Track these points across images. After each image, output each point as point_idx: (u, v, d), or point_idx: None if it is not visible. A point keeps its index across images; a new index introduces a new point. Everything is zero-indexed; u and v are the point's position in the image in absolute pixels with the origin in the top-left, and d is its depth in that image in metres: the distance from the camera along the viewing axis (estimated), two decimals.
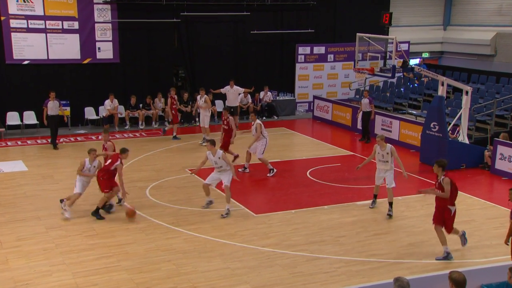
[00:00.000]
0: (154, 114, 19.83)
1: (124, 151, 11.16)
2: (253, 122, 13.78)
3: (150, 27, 20.09)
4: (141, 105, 19.62)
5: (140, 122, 19.50)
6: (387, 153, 11.16)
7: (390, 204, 11.16)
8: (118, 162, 10.93)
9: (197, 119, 20.12)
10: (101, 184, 11.04)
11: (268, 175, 13.60)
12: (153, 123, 19.84)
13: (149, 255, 9.26)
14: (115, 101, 18.74)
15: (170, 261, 9.06)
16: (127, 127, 19.39)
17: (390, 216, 11.05)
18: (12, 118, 18.64)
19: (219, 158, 10.96)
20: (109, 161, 11.06)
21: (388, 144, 11.24)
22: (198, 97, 17.17)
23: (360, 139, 17.62)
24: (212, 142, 11.11)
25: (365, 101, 17.39)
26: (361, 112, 17.48)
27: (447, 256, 9.04)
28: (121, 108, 19.31)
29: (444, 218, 9.05)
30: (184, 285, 8.24)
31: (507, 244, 8.11)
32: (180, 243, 9.78)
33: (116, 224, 10.61)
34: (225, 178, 11.00)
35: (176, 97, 18.11)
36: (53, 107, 16.39)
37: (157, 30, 20.23)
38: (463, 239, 9.44)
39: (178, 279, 8.43)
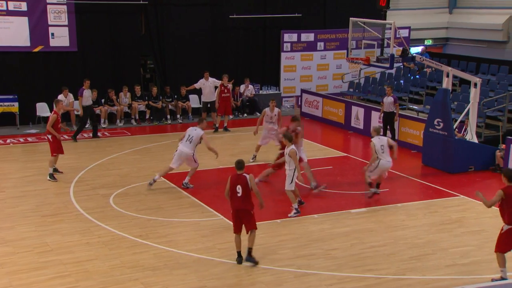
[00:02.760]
0: (119, 110, 19.74)
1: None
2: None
3: (113, 10, 20.01)
4: (103, 101, 19.51)
5: (102, 120, 19.39)
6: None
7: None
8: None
9: (168, 116, 20.11)
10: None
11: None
12: (118, 121, 19.76)
13: (113, 273, 9.21)
14: (70, 96, 18.57)
15: (138, 279, 9.03)
16: (87, 125, 19.25)
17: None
18: None
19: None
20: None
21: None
22: (267, 109, 15.26)
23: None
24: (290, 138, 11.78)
25: (388, 100, 16.93)
26: (383, 113, 17.11)
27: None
28: (77, 104, 19.13)
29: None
30: None
31: None
32: (148, 259, 9.75)
33: (74, 238, 10.54)
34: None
35: (229, 86, 18.93)
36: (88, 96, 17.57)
37: (121, 14, 20.15)
38: None
39: None
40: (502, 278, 8.89)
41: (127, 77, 20.27)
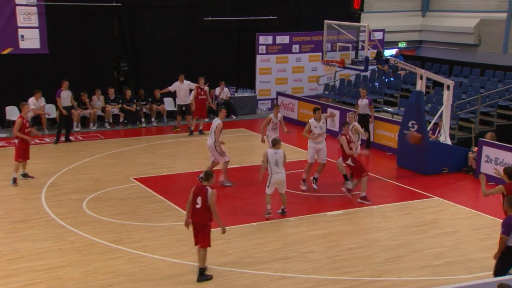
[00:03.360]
0: (92, 114, 19.56)
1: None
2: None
3: (85, 11, 19.83)
4: (75, 104, 19.30)
5: (75, 124, 19.19)
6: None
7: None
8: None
9: (143, 119, 19.99)
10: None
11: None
12: (91, 124, 19.57)
13: (86, 280, 9.13)
14: (42, 99, 18.34)
15: (112, 286, 8.97)
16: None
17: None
18: None
19: None
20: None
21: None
22: (272, 116, 14.94)
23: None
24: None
25: (363, 102, 17.01)
26: (358, 116, 16.85)
27: None
28: (50, 108, 18.91)
29: None
30: None
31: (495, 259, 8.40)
32: (123, 264, 9.69)
33: (46, 244, 10.42)
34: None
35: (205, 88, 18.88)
36: (66, 97, 17.26)
37: (94, 16, 19.99)
38: None
39: None
40: None
41: (100, 80, 20.09)
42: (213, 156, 13.57)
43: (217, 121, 13.55)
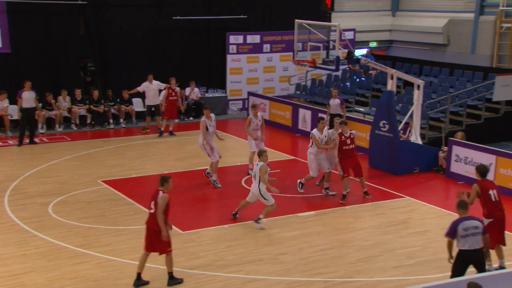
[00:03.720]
0: (58, 115, 19.20)
1: None
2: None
3: (49, 10, 19.46)
4: (40, 105, 18.90)
5: (40, 125, 18.81)
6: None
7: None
8: None
9: (111, 121, 19.71)
10: None
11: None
12: (56, 126, 19.20)
13: (52, 286, 8.93)
14: (6, 100, 17.94)
15: None
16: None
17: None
18: None
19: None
20: None
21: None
22: (252, 117, 14.53)
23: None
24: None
25: (335, 102, 17.13)
26: (329, 116, 17.08)
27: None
28: (13, 109, 18.49)
29: None
30: None
31: (450, 262, 8.40)
32: (90, 269, 9.51)
33: (8, 250, 10.14)
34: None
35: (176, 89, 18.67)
36: (29, 98, 16.72)
37: (59, 15, 19.63)
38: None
39: None
40: (501, 267, 9.22)
41: (66, 81, 19.72)
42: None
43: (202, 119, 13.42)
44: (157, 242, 8.88)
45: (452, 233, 8.18)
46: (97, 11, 20.18)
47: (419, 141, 15.39)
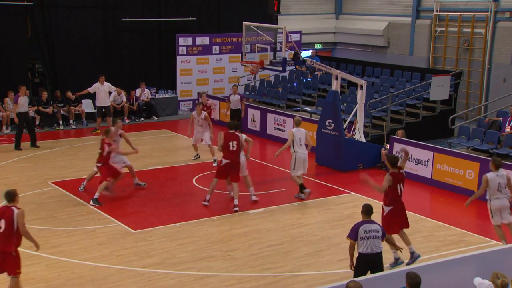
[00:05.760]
0: (4, 116, 18.58)
1: (107, 132, 12.57)
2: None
3: None
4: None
5: (4, 127, 18.18)
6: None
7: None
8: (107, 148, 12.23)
9: (61, 122, 19.22)
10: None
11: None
12: (4, 127, 18.57)
13: None
14: None
15: None
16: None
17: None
18: None
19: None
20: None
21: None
22: (194, 113, 15.19)
23: None
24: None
25: (235, 97, 18.09)
26: (229, 110, 18.16)
27: (410, 258, 9.38)
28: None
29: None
30: None
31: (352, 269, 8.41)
32: (41, 271, 9.30)
33: None
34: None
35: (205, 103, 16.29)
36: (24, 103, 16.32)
37: (5, 15, 19.06)
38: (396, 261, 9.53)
39: None
40: (396, 260, 9.36)
41: (13, 82, 19.05)
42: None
43: (303, 131, 12.94)
44: (9, 263, 8.00)
45: (354, 235, 8.12)
46: (44, 12, 19.66)
47: (363, 139, 15.70)
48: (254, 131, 18.87)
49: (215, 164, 14.50)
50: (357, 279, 7.03)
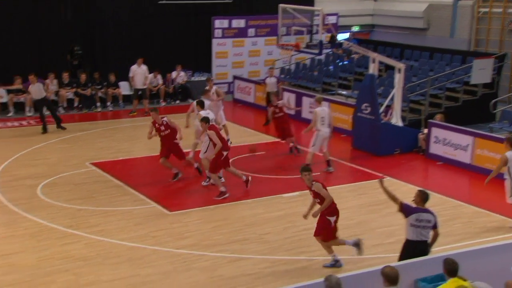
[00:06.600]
0: (48, 96, 18.92)
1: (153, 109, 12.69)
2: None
3: None
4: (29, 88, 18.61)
5: (27, 108, 18.59)
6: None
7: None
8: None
9: (98, 104, 19.53)
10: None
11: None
12: (44, 109, 18.92)
13: (41, 266, 8.88)
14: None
15: (68, 270, 8.76)
16: (10, 114, 18.40)
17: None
18: None
19: None
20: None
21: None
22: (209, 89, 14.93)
23: (265, 123, 17.68)
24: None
25: (271, 80, 17.76)
26: (266, 94, 17.67)
27: (335, 264, 9.09)
28: (1, 92, 18.26)
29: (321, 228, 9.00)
30: None
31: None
32: (80, 249, 9.48)
33: None
34: None
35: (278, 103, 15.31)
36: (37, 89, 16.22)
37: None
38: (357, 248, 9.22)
39: None
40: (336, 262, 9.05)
41: (53, 64, 19.46)
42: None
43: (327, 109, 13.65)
44: None
45: (406, 213, 7.86)
46: None
47: (400, 123, 15.46)
48: (289, 114, 18.75)
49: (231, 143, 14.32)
50: (395, 264, 6.96)
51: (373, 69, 15.26)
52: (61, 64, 19.78)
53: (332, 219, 8.98)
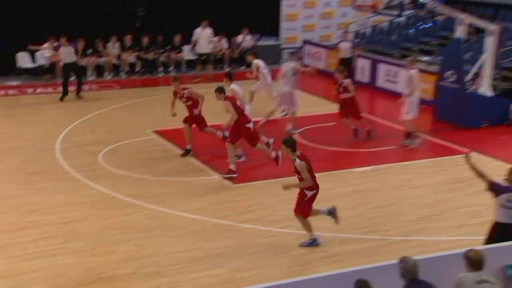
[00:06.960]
0: (107, 62, 19.55)
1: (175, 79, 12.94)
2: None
3: None
4: (90, 51, 19.26)
5: (89, 72, 19.25)
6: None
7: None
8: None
9: (160, 69, 19.92)
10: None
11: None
12: (106, 73, 19.59)
13: (103, 235, 9.27)
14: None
15: (130, 241, 9.10)
16: (73, 78, 19.10)
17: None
18: None
19: None
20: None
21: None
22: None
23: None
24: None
25: (345, 45, 17.50)
26: (339, 60, 17.68)
27: (312, 242, 8.94)
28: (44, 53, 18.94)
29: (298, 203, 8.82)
30: (146, 270, 8.31)
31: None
32: (141, 220, 9.80)
33: (60, 198, 10.57)
34: None
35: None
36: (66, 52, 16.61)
37: None
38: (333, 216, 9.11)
39: (139, 262, 8.49)
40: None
41: (115, 27, 19.96)
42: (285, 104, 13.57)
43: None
44: None
45: (495, 192, 7.64)
46: None
47: (490, 93, 14.91)
48: (362, 82, 18.50)
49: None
50: (480, 247, 6.82)
51: (460, 32, 14.73)
52: (122, 27, 20.29)
53: (310, 193, 8.75)
